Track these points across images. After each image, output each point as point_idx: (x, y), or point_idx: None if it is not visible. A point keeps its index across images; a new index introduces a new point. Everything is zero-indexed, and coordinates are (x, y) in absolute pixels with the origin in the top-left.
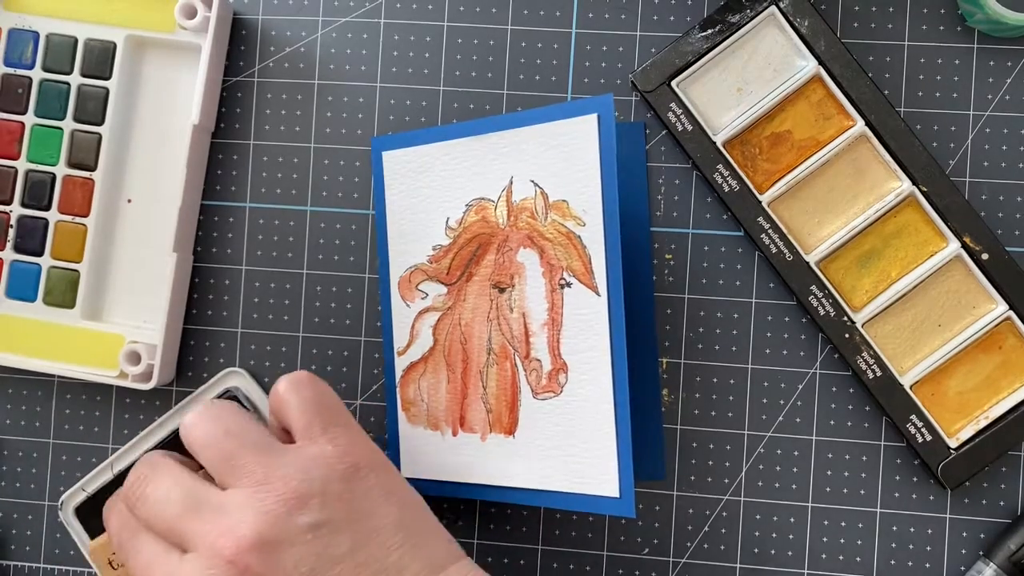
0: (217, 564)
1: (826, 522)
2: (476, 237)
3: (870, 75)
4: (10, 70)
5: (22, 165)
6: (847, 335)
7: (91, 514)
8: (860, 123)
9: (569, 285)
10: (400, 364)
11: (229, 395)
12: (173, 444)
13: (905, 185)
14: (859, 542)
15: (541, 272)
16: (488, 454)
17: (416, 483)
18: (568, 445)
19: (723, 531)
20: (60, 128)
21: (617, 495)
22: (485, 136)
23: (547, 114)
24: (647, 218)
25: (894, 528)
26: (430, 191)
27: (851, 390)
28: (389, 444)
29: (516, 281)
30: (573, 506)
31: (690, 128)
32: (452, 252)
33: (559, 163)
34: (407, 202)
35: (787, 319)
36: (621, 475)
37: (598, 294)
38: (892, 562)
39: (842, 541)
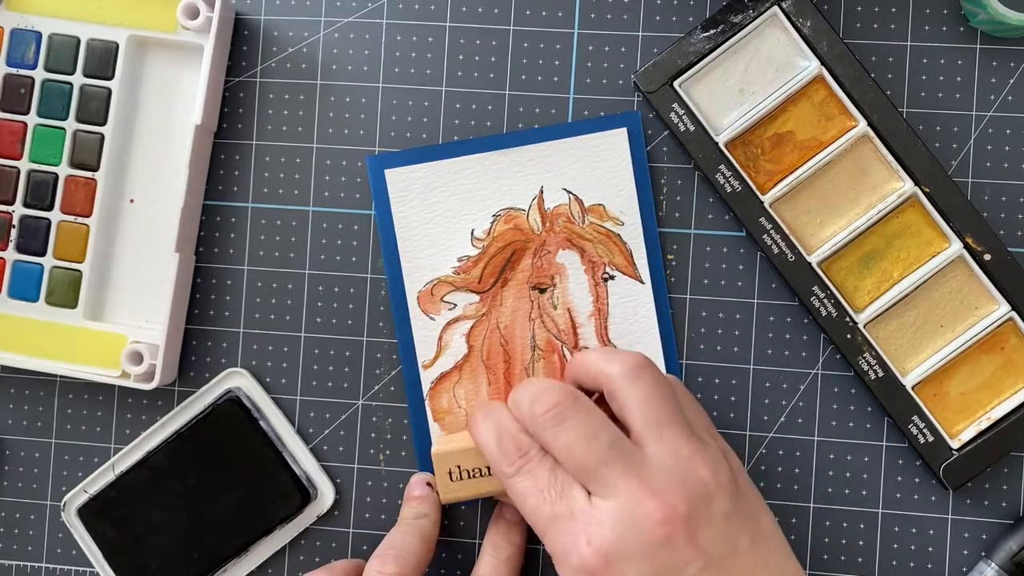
0: (644, 522)
1: (828, 523)
2: (510, 244)
3: (872, 75)
4: (12, 70)
5: (24, 165)
6: (849, 336)
7: (93, 515)
8: (862, 123)
9: (612, 278)
10: (427, 377)
11: (230, 395)
12: (176, 444)
13: (907, 185)
14: (861, 543)
15: (583, 269)
16: None
17: None
18: None
19: None
20: (62, 128)
21: None
22: (509, 150)
23: (574, 129)
24: (651, 203)
25: (896, 529)
26: (448, 205)
27: (853, 391)
28: (419, 456)
29: (557, 280)
30: None
31: (692, 128)
32: (483, 261)
33: (592, 172)
34: (420, 217)
35: (789, 320)
36: None
37: (642, 282)
38: (894, 563)
39: (844, 542)
